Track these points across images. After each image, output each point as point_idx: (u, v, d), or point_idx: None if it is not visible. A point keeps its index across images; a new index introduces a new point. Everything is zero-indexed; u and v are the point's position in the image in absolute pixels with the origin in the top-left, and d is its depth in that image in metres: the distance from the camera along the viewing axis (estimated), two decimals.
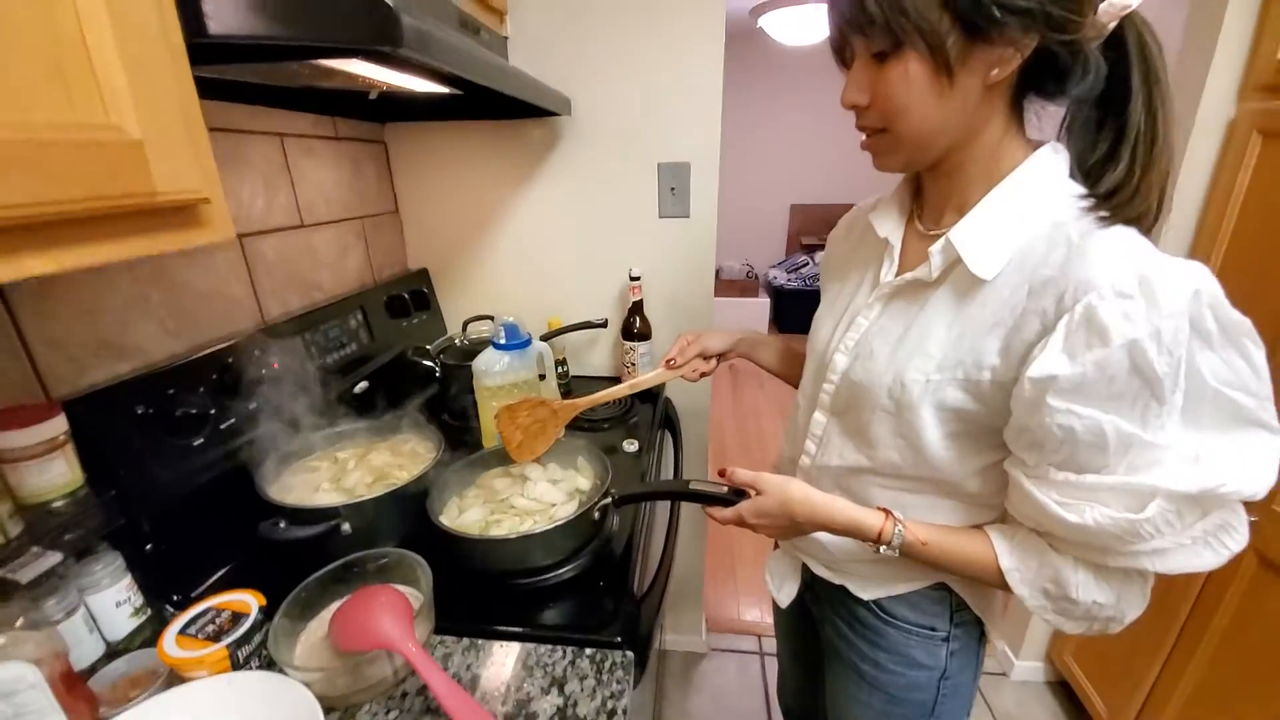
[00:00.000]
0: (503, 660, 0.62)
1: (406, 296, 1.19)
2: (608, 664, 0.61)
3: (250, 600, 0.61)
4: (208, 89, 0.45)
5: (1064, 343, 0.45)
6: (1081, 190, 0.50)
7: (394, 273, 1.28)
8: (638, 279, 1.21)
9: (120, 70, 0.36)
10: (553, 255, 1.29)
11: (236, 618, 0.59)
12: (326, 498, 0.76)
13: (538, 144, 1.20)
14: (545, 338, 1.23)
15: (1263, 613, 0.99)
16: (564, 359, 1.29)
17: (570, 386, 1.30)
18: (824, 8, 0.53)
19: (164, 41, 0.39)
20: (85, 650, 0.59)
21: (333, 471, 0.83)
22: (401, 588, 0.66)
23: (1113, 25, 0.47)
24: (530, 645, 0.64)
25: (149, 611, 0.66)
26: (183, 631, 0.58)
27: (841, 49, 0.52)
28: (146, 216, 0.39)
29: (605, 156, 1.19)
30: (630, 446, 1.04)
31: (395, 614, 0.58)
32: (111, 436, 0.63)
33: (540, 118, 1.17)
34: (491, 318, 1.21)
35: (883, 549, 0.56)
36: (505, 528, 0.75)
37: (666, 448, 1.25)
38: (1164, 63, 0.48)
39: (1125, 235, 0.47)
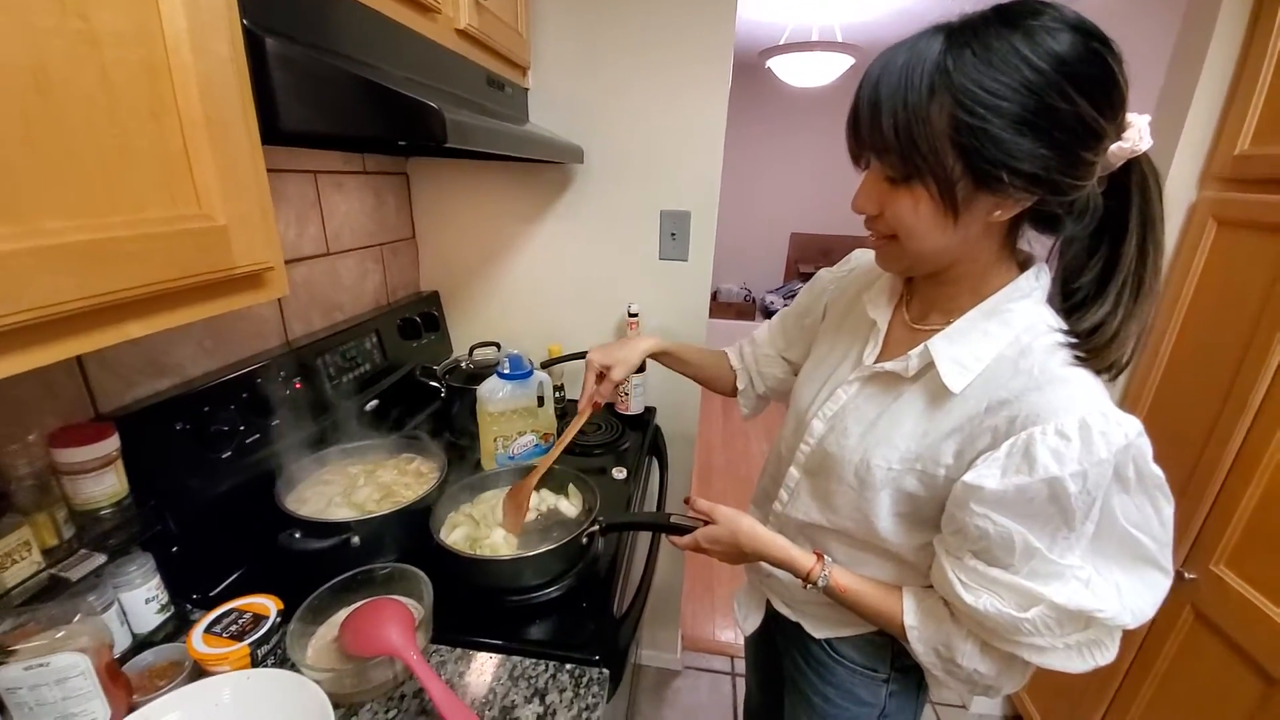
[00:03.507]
0: (491, 670, 0.69)
1: (418, 319, 1.26)
2: (585, 679, 0.68)
3: (269, 604, 0.68)
4: None
5: (1002, 462, 0.50)
6: (1060, 324, 0.54)
7: (407, 294, 1.36)
8: (635, 315, 1.29)
9: (213, 170, 0.44)
10: (557, 287, 1.37)
11: (257, 619, 0.66)
12: (338, 512, 0.83)
13: (551, 186, 1.29)
14: (545, 364, 1.30)
15: (1197, 664, 1.07)
16: (562, 384, 1.37)
17: (566, 409, 1.37)
18: (829, 56, 0.57)
19: (247, 142, 0.47)
20: (116, 640, 0.66)
21: (344, 486, 0.90)
22: (405, 599, 0.73)
23: (1118, 165, 0.49)
24: (516, 658, 0.70)
25: (173, 609, 0.72)
26: (209, 630, 0.64)
27: (857, 157, 0.55)
28: (224, 284, 0.47)
29: (613, 201, 1.28)
30: (619, 474, 1.11)
31: (400, 624, 0.65)
32: (154, 450, 0.70)
33: (555, 164, 1.25)
34: (498, 345, 1.29)
35: (809, 586, 0.64)
36: (491, 545, 0.82)
37: (654, 472, 1.32)
38: (1163, 209, 0.51)
39: (1082, 381, 0.50)
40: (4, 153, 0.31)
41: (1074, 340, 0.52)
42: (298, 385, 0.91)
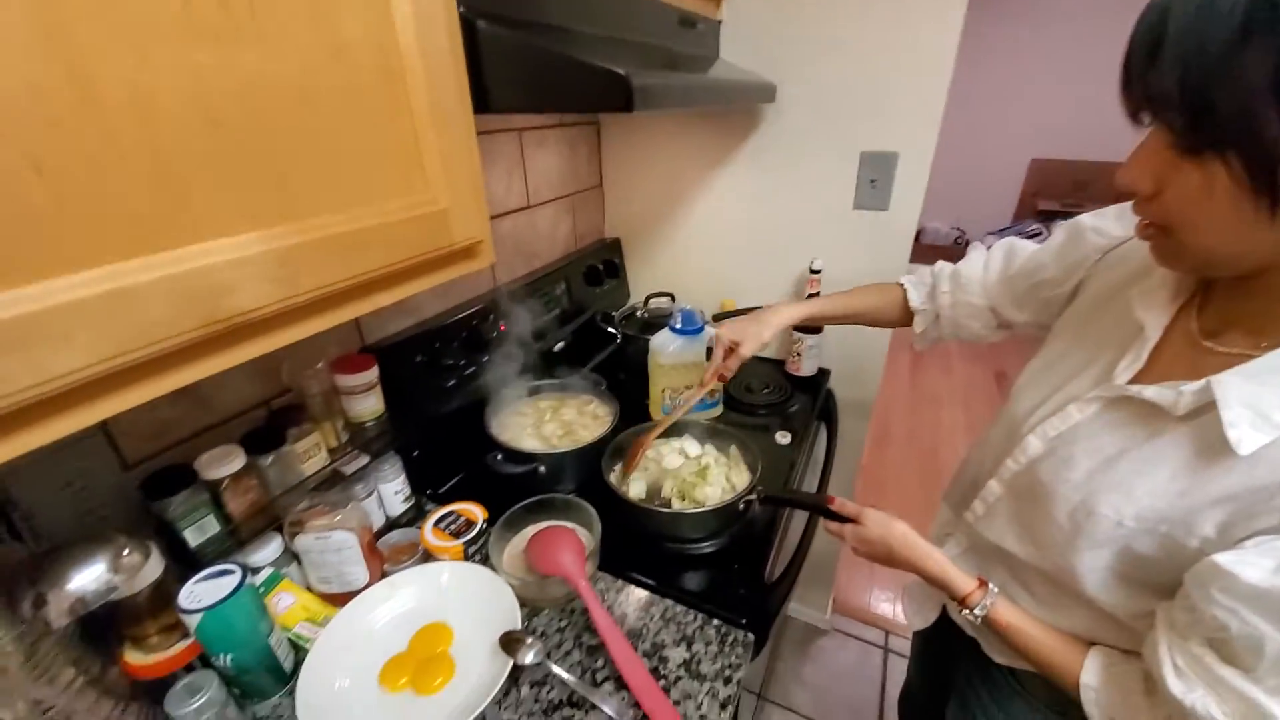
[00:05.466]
0: (645, 606, 0.76)
1: (600, 266, 1.34)
2: (730, 638, 0.71)
3: (478, 512, 0.83)
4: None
5: None
6: None
7: (592, 241, 1.44)
8: (818, 273, 1.19)
9: (437, 159, 0.50)
10: (735, 237, 1.33)
11: (469, 523, 0.81)
12: (530, 442, 0.96)
13: (737, 128, 1.21)
14: (717, 318, 1.29)
15: None
16: None
17: None
18: None
19: (465, 129, 0.52)
20: (375, 520, 0.86)
21: (534, 418, 1.03)
22: (578, 527, 0.83)
23: None
24: (669, 601, 0.76)
25: (413, 499, 0.92)
26: (436, 525, 0.81)
27: (1133, 112, 0.40)
28: (444, 259, 0.54)
29: (805, 142, 1.16)
30: (783, 438, 1.09)
31: (573, 552, 0.74)
32: (402, 376, 0.87)
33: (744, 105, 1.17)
34: (672, 296, 1.31)
35: (964, 612, 0.57)
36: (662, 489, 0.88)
37: (821, 440, 1.27)
38: None
39: None
40: (279, 162, 0.38)
41: None
42: (502, 327, 1.04)
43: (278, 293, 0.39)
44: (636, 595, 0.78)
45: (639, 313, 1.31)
